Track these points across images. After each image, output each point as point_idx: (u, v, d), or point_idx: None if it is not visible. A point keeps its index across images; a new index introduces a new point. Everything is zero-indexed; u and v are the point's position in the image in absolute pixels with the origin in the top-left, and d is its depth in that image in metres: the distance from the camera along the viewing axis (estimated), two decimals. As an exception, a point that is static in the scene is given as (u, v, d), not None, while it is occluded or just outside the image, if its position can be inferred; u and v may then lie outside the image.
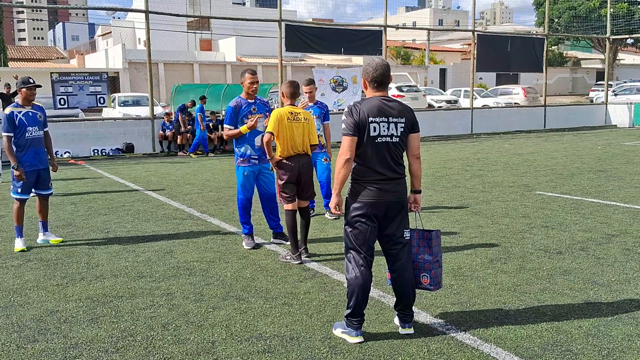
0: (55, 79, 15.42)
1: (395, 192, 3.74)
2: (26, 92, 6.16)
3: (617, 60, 48.89)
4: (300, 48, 18.25)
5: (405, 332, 3.84)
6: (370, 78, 3.77)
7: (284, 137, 5.53)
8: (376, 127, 3.68)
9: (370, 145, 3.68)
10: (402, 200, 3.80)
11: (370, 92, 3.82)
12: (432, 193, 9.03)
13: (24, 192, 6.22)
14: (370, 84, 3.79)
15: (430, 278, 3.92)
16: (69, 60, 45.86)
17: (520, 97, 28.98)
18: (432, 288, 3.95)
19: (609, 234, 6.34)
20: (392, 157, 3.73)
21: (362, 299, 3.74)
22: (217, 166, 13.12)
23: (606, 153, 13.99)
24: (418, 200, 3.97)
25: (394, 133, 3.72)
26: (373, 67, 3.76)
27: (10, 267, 5.52)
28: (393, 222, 3.79)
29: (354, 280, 3.73)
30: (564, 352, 3.54)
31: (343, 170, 3.68)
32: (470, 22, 21.99)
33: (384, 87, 3.81)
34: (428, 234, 3.93)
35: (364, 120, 3.66)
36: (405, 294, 3.83)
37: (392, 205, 3.75)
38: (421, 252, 3.93)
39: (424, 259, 3.92)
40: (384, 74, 3.77)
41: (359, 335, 3.75)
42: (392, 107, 3.75)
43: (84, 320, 4.17)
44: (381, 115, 3.69)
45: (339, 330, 3.85)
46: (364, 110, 3.68)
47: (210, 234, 6.73)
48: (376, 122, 3.68)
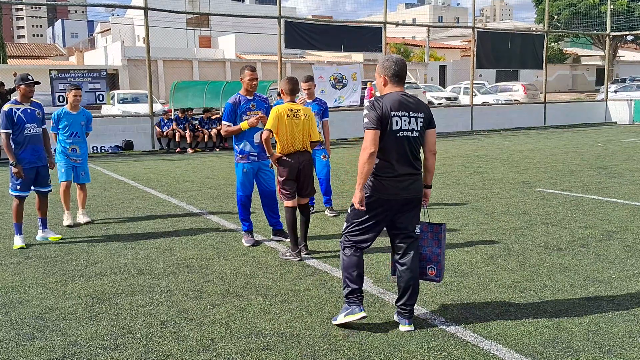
0: (54, 76, 15.38)
1: (413, 189, 3.81)
2: (25, 89, 6.15)
3: (617, 57, 48.85)
4: (299, 45, 18.21)
5: (405, 329, 3.84)
6: (391, 73, 3.83)
7: (283, 134, 5.51)
8: (398, 121, 3.72)
9: (392, 139, 3.72)
10: (419, 196, 3.88)
11: (390, 87, 3.85)
12: (432, 190, 8.93)
13: (23, 189, 6.21)
14: (392, 79, 3.84)
15: (437, 270, 3.99)
16: (68, 57, 45.78)
17: (520, 94, 28.98)
18: (438, 280, 4.04)
19: (609, 230, 6.33)
20: (412, 151, 3.79)
21: (357, 276, 3.86)
22: (217, 163, 13.10)
23: (606, 150, 13.97)
24: (428, 194, 4.05)
25: (414, 127, 3.77)
26: (394, 62, 3.84)
27: (10, 265, 5.51)
28: (406, 216, 3.85)
29: (349, 260, 3.87)
30: (565, 349, 3.53)
31: (367, 165, 3.68)
32: (470, 18, 21.95)
33: (403, 82, 3.88)
34: (438, 227, 3.99)
35: (387, 113, 3.70)
36: (410, 287, 3.85)
37: (409, 201, 3.82)
38: (429, 244, 3.99)
39: (432, 252, 3.99)
40: (403, 69, 3.85)
41: (361, 310, 3.82)
42: (412, 102, 3.81)
43: (83, 318, 4.16)
44: (403, 109, 3.74)
45: (341, 317, 3.88)
46: (386, 105, 3.72)
47: (210, 231, 6.72)
48: (398, 116, 3.72)
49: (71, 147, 7.14)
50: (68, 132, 7.10)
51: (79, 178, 7.28)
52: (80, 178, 7.29)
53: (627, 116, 23.46)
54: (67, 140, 7.11)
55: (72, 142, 7.14)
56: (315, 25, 18.45)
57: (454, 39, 58.01)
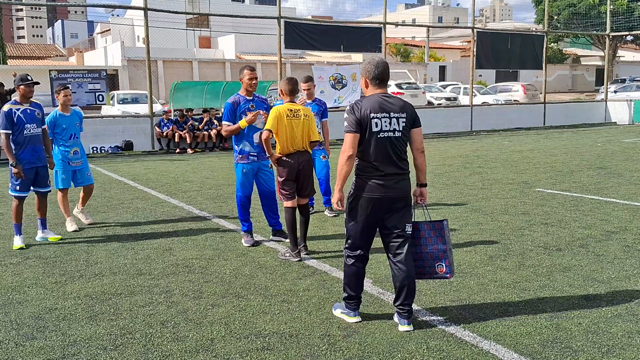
0: (54, 76, 15.39)
1: (399, 188, 3.85)
2: (24, 89, 6.15)
3: (617, 58, 48.85)
4: (299, 45, 18.20)
5: (404, 329, 3.85)
6: (371, 76, 3.90)
7: (283, 135, 5.51)
8: (378, 123, 3.78)
9: (373, 141, 3.78)
10: (406, 195, 3.91)
11: (371, 89, 3.93)
12: (432, 190, 9.02)
13: (22, 189, 6.21)
14: (372, 82, 3.92)
15: (446, 266, 4.00)
16: (67, 57, 45.79)
17: (520, 94, 28.97)
18: (449, 276, 4.02)
19: (609, 230, 6.34)
20: (395, 152, 3.83)
21: (355, 284, 3.98)
22: (216, 163, 13.10)
23: (606, 150, 13.98)
24: (424, 193, 4.09)
25: (396, 128, 3.81)
26: (374, 65, 3.90)
27: (9, 265, 5.52)
28: (395, 215, 3.88)
29: (349, 269, 3.99)
30: (564, 349, 3.53)
31: (345, 167, 3.81)
32: (470, 19, 21.95)
33: (384, 85, 3.94)
34: (439, 224, 4.02)
35: (366, 116, 3.78)
36: (405, 287, 3.86)
37: (395, 200, 3.85)
38: (434, 242, 4.00)
39: (438, 249, 3.99)
40: (384, 72, 3.91)
41: (356, 315, 3.99)
42: (393, 103, 3.86)
43: (83, 318, 4.16)
44: (382, 111, 3.80)
45: (338, 311, 4.09)
46: (365, 107, 3.80)
47: (209, 231, 6.72)
48: (378, 118, 3.79)
49: (72, 150, 6.97)
50: (67, 135, 6.92)
51: (85, 179, 7.10)
52: (86, 179, 7.11)
53: (627, 116, 23.46)
54: (66, 143, 6.92)
55: (72, 145, 6.98)
56: (314, 26, 18.45)
57: (453, 40, 58.02)
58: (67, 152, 6.94)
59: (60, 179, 6.95)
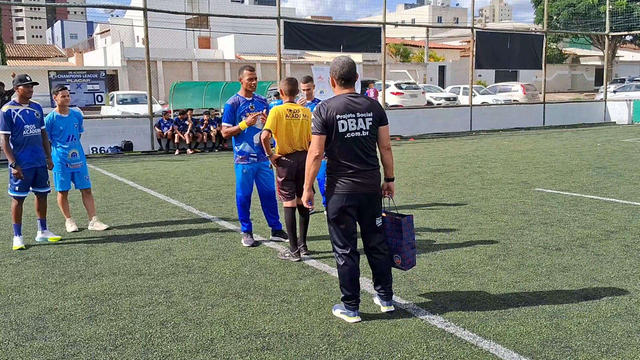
0: (54, 77, 15.40)
1: (370, 184, 3.97)
2: (23, 89, 6.15)
3: (616, 57, 48.86)
4: (299, 45, 18.21)
5: (386, 309, 4.08)
6: (337, 76, 3.99)
7: (282, 135, 5.51)
8: (344, 124, 3.89)
9: (341, 141, 3.90)
10: (376, 190, 4.05)
11: (338, 89, 4.03)
12: (431, 190, 9.03)
13: (22, 190, 6.21)
14: (338, 82, 4.01)
15: (402, 259, 4.20)
16: (67, 58, 45.80)
17: (519, 94, 28.97)
18: (404, 268, 4.25)
19: (608, 230, 6.34)
20: (363, 150, 3.95)
21: (350, 284, 4.01)
22: (216, 164, 13.10)
23: (605, 150, 13.98)
24: (392, 187, 4.24)
25: (362, 127, 3.93)
26: (340, 65, 3.98)
27: (9, 265, 5.51)
28: (368, 211, 4.03)
29: (341, 269, 4.05)
30: (564, 349, 3.53)
31: (313, 167, 3.99)
32: (469, 19, 21.96)
33: (351, 84, 4.03)
34: (398, 220, 4.16)
35: (332, 118, 3.88)
36: (380, 272, 4.09)
37: (367, 197, 3.99)
38: (394, 235, 4.19)
39: (395, 242, 4.20)
40: (350, 72, 3.99)
41: (356, 315, 4.02)
42: (359, 103, 3.95)
43: (83, 318, 4.16)
44: (348, 111, 3.90)
45: (338, 311, 4.12)
46: (331, 109, 3.89)
47: (209, 231, 6.72)
48: (344, 119, 3.89)
49: (71, 152, 6.87)
50: (64, 137, 6.81)
51: (84, 183, 7.03)
52: (85, 182, 7.03)
53: (626, 116, 23.48)
54: (65, 145, 6.82)
55: (70, 147, 6.86)
56: (314, 26, 18.45)
57: (453, 40, 58.02)
58: (65, 154, 6.86)
59: (59, 182, 6.87)
